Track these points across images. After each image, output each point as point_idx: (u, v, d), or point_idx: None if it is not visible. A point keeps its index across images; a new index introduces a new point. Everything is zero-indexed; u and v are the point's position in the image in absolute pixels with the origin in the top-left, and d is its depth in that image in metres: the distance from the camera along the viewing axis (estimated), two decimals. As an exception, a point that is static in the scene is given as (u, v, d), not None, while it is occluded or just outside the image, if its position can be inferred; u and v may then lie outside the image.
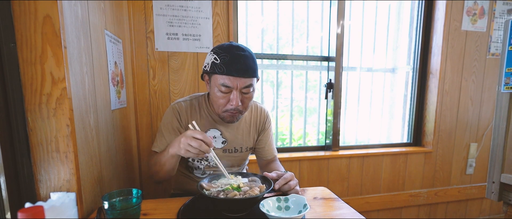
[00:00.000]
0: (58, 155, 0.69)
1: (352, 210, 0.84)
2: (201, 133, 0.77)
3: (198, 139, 0.75)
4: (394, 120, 2.03)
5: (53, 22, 0.64)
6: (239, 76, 0.85)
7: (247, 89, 0.89)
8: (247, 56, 0.87)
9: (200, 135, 0.76)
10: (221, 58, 0.85)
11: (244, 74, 0.85)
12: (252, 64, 0.88)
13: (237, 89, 0.87)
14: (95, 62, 0.90)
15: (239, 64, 0.84)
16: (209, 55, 0.91)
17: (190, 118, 1.00)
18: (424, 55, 1.91)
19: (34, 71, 0.65)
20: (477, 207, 2.11)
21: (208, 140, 0.76)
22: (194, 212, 0.79)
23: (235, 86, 0.86)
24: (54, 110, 0.67)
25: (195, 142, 0.75)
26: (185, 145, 0.76)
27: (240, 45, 0.91)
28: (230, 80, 0.85)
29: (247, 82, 0.87)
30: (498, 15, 1.86)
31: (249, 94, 0.91)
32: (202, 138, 0.75)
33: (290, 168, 1.66)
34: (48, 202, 0.51)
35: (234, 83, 0.86)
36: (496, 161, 1.13)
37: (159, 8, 1.36)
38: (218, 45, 0.91)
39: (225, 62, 0.85)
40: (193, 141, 0.75)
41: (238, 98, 0.87)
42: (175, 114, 0.99)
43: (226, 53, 0.86)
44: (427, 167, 1.94)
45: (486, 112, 1.98)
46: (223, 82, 0.86)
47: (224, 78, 0.86)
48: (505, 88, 1.08)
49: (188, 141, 0.75)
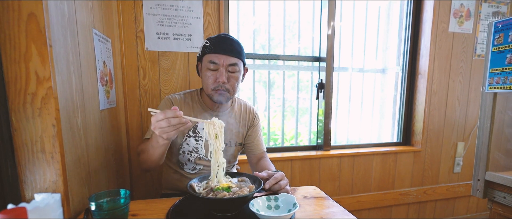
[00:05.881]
0: (44, 156, 0.68)
1: (341, 208, 0.85)
2: (161, 112, 0.73)
3: (161, 120, 0.72)
4: (384, 120, 2.07)
5: (38, 20, 0.63)
6: (225, 54, 0.96)
7: (233, 67, 0.98)
8: (234, 40, 1.00)
9: (161, 114, 0.73)
10: (211, 40, 0.99)
11: (229, 53, 0.97)
12: (238, 47, 1.00)
13: (223, 66, 0.97)
14: (83, 61, 0.88)
15: (226, 44, 0.97)
16: (201, 45, 1.03)
17: (183, 109, 1.04)
18: (413, 56, 1.94)
19: (18, 70, 0.64)
20: (465, 204, 2.16)
21: (170, 113, 0.72)
22: (183, 212, 0.79)
23: (221, 63, 0.96)
24: (39, 110, 0.66)
25: (161, 122, 0.72)
26: (157, 131, 0.74)
27: (230, 35, 1.04)
28: (217, 58, 0.96)
29: (232, 61, 0.97)
30: (484, 17, 1.91)
31: (235, 74, 1.00)
32: (163, 116, 0.72)
33: (282, 168, 1.67)
34: (32, 203, 0.50)
35: (220, 60, 0.96)
36: (481, 159, 1.16)
37: (149, 7, 1.35)
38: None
39: (214, 43, 0.98)
40: (160, 122, 0.73)
41: (224, 75, 0.97)
42: (167, 104, 1.05)
43: (215, 37, 1.00)
44: (416, 166, 1.97)
45: (473, 112, 2.03)
46: (210, 60, 0.97)
47: (212, 56, 0.97)
48: (489, 88, 1.12)
49: (155, 125, 0.73)
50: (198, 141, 1.06)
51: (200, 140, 1.06)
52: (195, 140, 1.06)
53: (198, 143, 1.06)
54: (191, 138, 1.06)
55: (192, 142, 1.06)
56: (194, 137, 1.06)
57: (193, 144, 1.06)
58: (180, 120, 0.74)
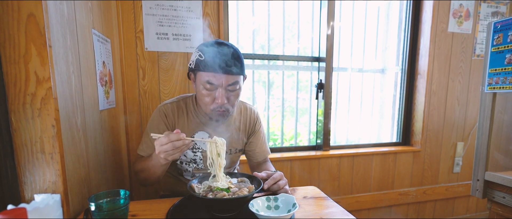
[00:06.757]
0: (43, 156, 0.68)
1: (341, 208, 0.85)
2: (165, 135, 0.73)
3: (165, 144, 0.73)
4: (384, 120, 2.07)
5: (37, 20, 0.63)
6: (223, 73, 0.83)
7: (233, 86, 0.87)
8: (232, 53, 0.85)
9: (164, 138, 0.73)
10: (206, 54, 0.84)
11: (229, 71, 0.83)
12: (237, 61, 0.86)
13: (222, 86, 0.85)
14: (82, 61, 0.88)
15: (224, 60, 0.83)
16: (194, 54, 0.89)
17: (177, 120, 0.98)
18: (412, 56, 1.94)
19: (17, 70, 0.64)
20: (464, 204, 2.16)
21: (174, 137, 0.72)
22: (183, 212, 0.79)
23: (220, 83, 0.85)
24: (39, 110, 0.66)
25: (165, 146, 0.73)
26: (162, 155, 0.74)
27: (226, 42, 0.89)
28: (214, 77, 0.84)
29: (232, 80, 0.85)
30: (483, 17, 1.91)
31: (235, 91, 0.89)
32: (167, 140, 0.72)
33: (281, 168, 1.67)
34: (32, 204, 0.50)
35: (219, 80, 0.84)
36: (481, 159, 1.16)
37: (149, 7, 1.35)
38: (203, 43, 0.89)
39: (209, 59, 0.83)
40: (164, 147, 0.73)
41: (223, 96, 0.86)
42: (161, 117, 0.97)
43: (210, 49, 0.84)
44: (415, 166, 1.98)
45: (472, 112, 2.03)
46: (207, 79, 0.85)
47: (208, 75, 0.84)
48: (488, 88, 1.12)
49: (160, 149, 0.73)
50: (196, 152, 1.01)
51: (198, 151, 1.01)
52: (193, 151, 1.01)
53: (195, 154, 1.01)
54: (188, 149, 1.01)
55: (189, 153, 1.01)
56: (191, 149, 1.01)
57: (190, 155, 1.01)
58: (184, 141, 0.74)
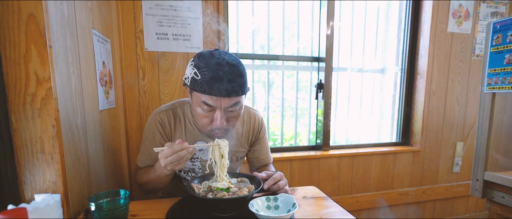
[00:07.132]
0: (43, 156, 0.68)
1: (341, 208, 0.85)
2: (168, 147, 0.72)
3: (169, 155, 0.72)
4: (384, 120, 2.07)
5: (38, 21, 0.63)
6: (222, 96, 0.75)
7: (233, 107, 0.80)
8: (232, 71, 0.75)
9: (168, 150, 0.72)
10: (202, 73, 0.74)
11: (228, 94, 0.74)
12: (238, 79, 0.76)
13: (220, 108, 0.78)
14: (82, 62, 0.88)
15: (223, 82, 0.73)
16: (189, 67, 0.80)
17: (174, 130, 0.94)
18: (411, 56, 1.95)
19: (18, 70, 0.64)
20: (464, 204, 2.17)
21: (178, 147, 0.72)
22: (183, 212, 0.79)
23: (219, 106, 0.77)
24: (39, 110, 0.66)
25: (170, 158, 0.72)
26: (169, 166, 0.74)
27: (225, 55, 0.78)
28: (212, 100, 0.76)
29: (232, 102, 0.78)
30: (482, 17, 1.92)
31: (236, 112, 0.82)
32: (171, 151, 0.72)
33: (281, 168, 1.67)
34: (32, 204, 0.50)
35: (217, 103, 0.77)
36: (480, 159, 1.16)
37: (149, 7, 1.35)
38: (199, 54, 0.80)
39: (206, 79, 0.74)
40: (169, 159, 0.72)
41: (222, 118, 0.79)
42: (157, 127, 0.92)
43: (207, 67, 0.74)
44: (415, 166, 1.98)
45: (472, 112, 2.03)
46: (204, 101, 0.77)
47: (205, 97, 0.76)
48: (487, 88, 1.12)
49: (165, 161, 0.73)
50: (195, 162, 0.98)
51: (197, 160, 0.98)
52: (191, 161, 0.98)
53: (194, 164, 0.98)
54: None
55: (188, 163, 0.98)
56: None
57: (189, 165, 0.98)
58: (188, 149, 0.73)
